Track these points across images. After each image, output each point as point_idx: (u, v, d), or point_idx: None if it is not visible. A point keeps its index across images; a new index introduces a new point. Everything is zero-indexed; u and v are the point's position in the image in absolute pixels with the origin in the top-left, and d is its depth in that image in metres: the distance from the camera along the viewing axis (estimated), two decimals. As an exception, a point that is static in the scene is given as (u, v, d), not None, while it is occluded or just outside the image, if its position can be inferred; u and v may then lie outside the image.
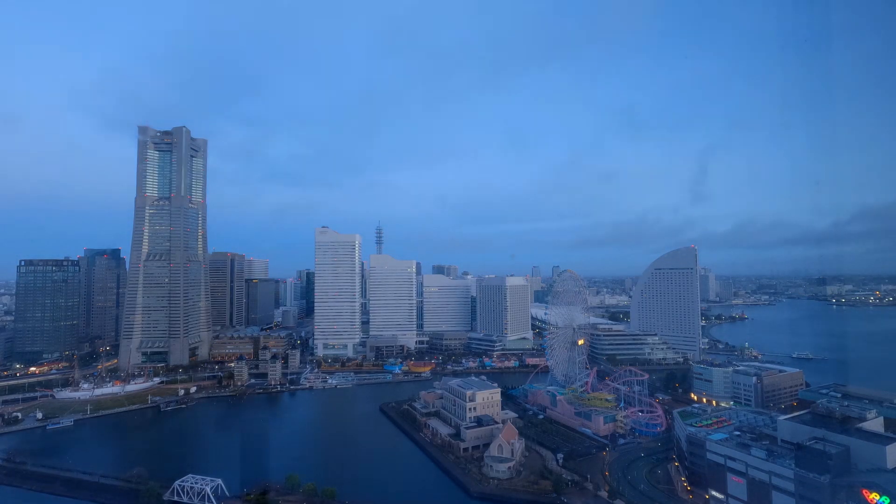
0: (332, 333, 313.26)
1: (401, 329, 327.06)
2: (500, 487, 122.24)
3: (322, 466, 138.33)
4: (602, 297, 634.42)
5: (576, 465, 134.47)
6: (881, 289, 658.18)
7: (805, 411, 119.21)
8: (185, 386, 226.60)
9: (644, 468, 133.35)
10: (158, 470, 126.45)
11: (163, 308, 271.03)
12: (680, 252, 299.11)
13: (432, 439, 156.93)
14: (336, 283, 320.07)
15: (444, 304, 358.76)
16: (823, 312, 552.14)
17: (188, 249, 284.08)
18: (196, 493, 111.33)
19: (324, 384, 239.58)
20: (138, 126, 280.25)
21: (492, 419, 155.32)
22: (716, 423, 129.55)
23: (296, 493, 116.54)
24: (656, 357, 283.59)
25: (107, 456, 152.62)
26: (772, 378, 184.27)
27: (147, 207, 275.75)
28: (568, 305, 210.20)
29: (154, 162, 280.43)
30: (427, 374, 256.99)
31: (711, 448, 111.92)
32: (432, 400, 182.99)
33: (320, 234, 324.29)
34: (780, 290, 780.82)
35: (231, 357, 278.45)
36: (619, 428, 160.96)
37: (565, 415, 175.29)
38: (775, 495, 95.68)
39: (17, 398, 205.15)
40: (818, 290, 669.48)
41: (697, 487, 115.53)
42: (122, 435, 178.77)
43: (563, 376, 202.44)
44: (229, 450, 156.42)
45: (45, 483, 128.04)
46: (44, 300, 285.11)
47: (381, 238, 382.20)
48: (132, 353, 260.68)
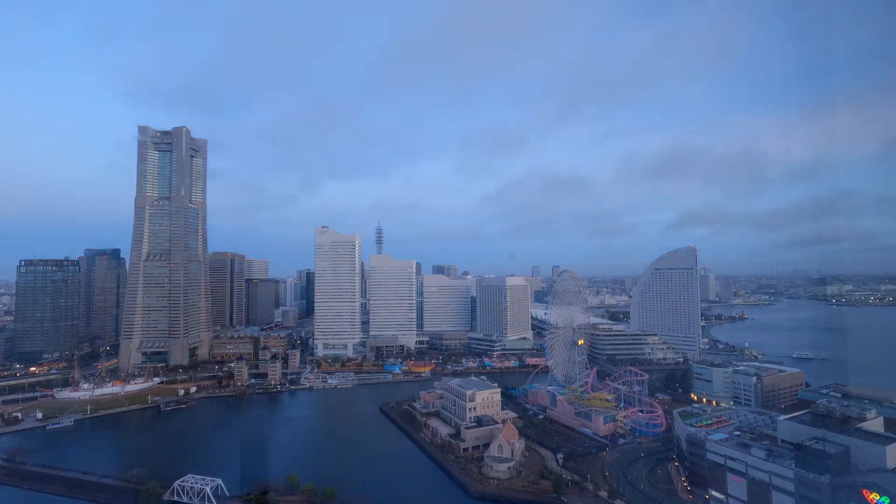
0: (332, 333, 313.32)
1: (401, 329, 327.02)
2: (500, 487, 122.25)
3: (322, 466, 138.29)
4: (602, 297, 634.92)
5: (576, 465, 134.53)
6: (881, 289, 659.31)
7: (805, 411, 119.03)
8: (185, 386, 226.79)
9: (644, 468, 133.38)
10: (158, 470, 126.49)
11: (163, 308, 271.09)
12: (680, 252, 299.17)
13: (432, 439, 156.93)
14: (336, 283, 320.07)
15: (444, 304, 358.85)
16: (823, 312, 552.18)
17: (188, 249, 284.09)
18: (196, 493, 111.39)
19: (324, 384, 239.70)
20: (138, 126, 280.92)
21: (492, 419, 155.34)
22: (716, 423, 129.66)
23: (296, 493, 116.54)
24: (656, 357, 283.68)
25: (107, 456, 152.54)
26: (772, 378, 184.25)
27: (147, 207, 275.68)
28: (568, 305, 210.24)
29: (154, 162, 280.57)
30: (427, 374, 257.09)
31: (711, 448, 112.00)
32: (432, 400, 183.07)
33: (320, 234, 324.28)
34: (780, 290, 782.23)
35: (231, 357, 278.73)
36: (619, 428, 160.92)
37: (565, 415, 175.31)
38: (775, 495, 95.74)
39: (17, 398, 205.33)
40: (818, 290, 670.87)
41: (697, 487, 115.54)
42: (122, 435, 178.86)
43: (563, 376, 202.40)
44: (229, 450, 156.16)
45: (45, 483, 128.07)
46: (44, 300, 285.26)
47: (381, 238, 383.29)
48: (132, 353, 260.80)
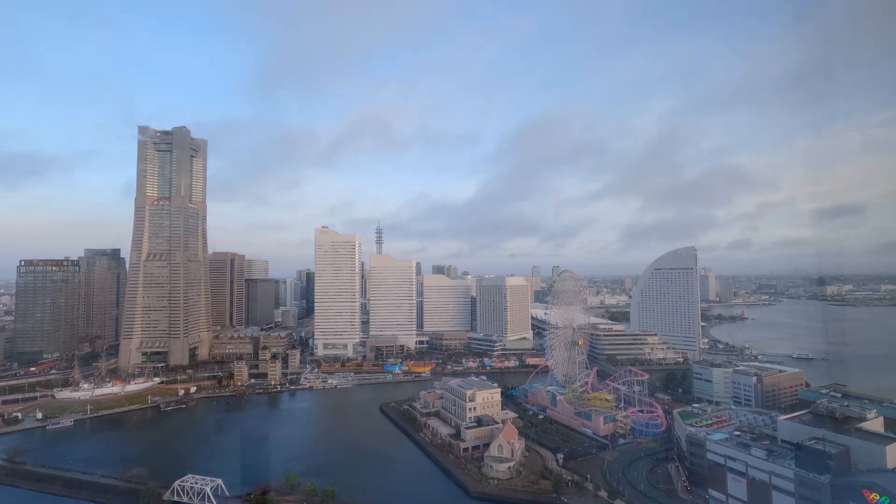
0: (332, 333, 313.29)
1: (401, 329, 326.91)
2: (500, 487, 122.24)
3: (322, 466, 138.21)
4: (602, 297, 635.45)
5: (576, 465, 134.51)
6: (881, 289, 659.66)
7: (805, 411, 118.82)
8: (185, 386, 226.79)
9: (644, 468, 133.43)
10: (158, 470, 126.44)
11: (163, 308, 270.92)
12: (680, 252, 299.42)
13: (432, 439, 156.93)
14: (336, 283, 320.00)
15: (444, 304, 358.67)
16: (823, 312, 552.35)
17: (188, 249, 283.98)
18: (196, 493, 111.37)
19: (324, 384, 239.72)
20: (138, 126, 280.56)
21: (492, 419, 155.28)
22: (716, 423, 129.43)
23: (296, 493, 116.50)
24: (656, 357, 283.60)
25: (107, 456, 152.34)
26: (772, 378, 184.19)
27: (147, 207, 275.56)
28: (568, 305, 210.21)
29: (154, 162, 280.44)
30: (427, 374, 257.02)
31: (711, 448, 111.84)
32: (432, 400, 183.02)
33: (320, 234, 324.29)
34: (780, 290, 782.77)
35: (231, 357, 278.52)
36: (619, 428, 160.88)
37: (565, 415, 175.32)
38: (775, 495, 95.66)
39: (17, 398, 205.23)
40: (818, 289, 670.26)
41: (697, 487, 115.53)
42: (122, 435, 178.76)
43: (563, 376, 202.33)
44: (229, 450, 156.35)
45: (45, 483, 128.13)
46: (44, 300, 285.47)
47: (381, 238, 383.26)
48: (132, 353, 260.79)
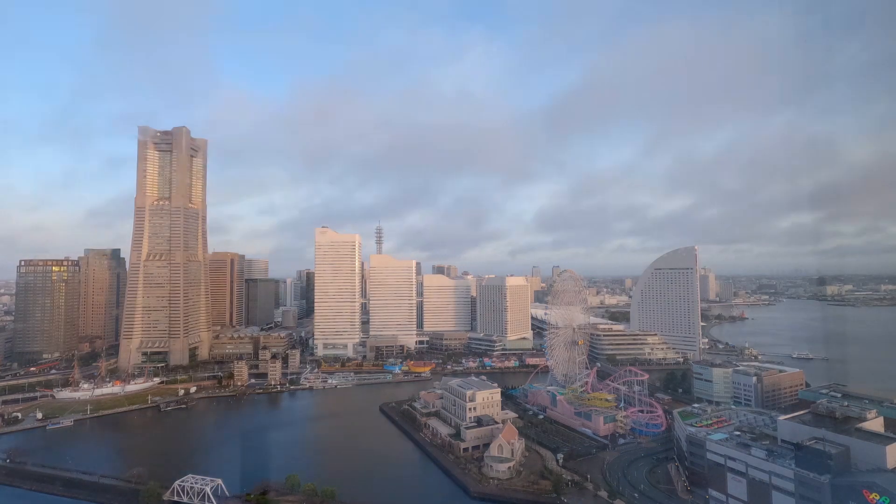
0: (332, 333, 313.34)
1: (401, 329, 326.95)
2: (500, 487, 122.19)
3: (322, 466, 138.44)
4: (602, 297, 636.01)
5: (576, 465, 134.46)
6: (881, 289, 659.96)
7: (805, 411, 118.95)
8: (185, 386, 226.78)
9: (644, 468, 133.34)
10: (158, 470, 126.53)
11: (163, 308, 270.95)
12: (680, 252, 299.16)
13: (432, 439, 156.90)
14: (336, 283, 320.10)
15: (444, 304, 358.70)
16: (823, 312, 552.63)
17: (188, 249, 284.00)
18: (196, 493, 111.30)
19: (324, 384, 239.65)
20: (138, 126, 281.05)
21: (492, 419, 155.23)
22: (716, 423, 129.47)
23: (296, 493, 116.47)
24: (656, 357, 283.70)
25: (107, 456, 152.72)
26: (772, 378, 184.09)
27: (147, 207, 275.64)
28: (568, 305, 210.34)
29: (154, 162, 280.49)
30: (427, 374, 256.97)
31: (711, 448, 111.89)
32: (432, 400, 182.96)
33: (320, 234, 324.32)
34: (781, 290, 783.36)
35: (231, 357, 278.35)
36: (619, 428, 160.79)
37: (565, 415, 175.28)
38: (775, 495, 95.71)
39: (17, 398, 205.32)
40: (818, 289, 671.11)
41: (697, 487, 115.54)
42: (122, 435, 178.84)
43: (563, 376, 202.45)
44: (229, 450, 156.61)
45: (45, 483, 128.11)
46: (44, 300, 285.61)
47: (381, 238, 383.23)
48: (132, 353, 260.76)
